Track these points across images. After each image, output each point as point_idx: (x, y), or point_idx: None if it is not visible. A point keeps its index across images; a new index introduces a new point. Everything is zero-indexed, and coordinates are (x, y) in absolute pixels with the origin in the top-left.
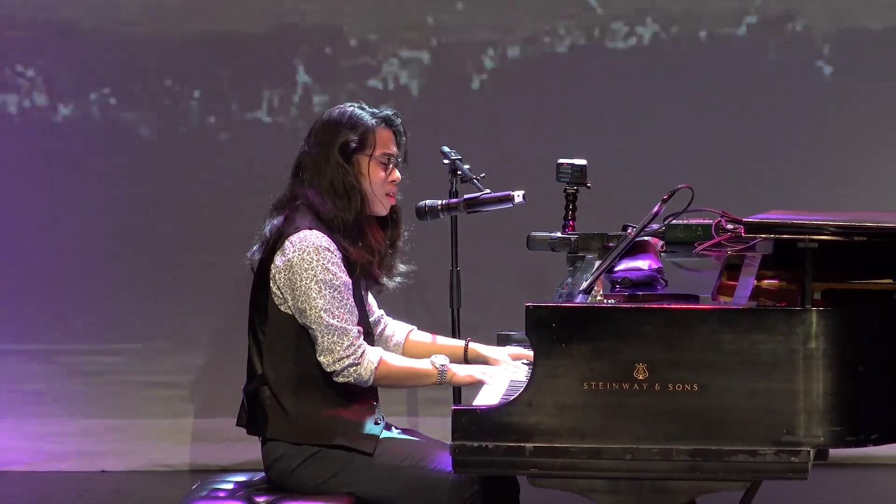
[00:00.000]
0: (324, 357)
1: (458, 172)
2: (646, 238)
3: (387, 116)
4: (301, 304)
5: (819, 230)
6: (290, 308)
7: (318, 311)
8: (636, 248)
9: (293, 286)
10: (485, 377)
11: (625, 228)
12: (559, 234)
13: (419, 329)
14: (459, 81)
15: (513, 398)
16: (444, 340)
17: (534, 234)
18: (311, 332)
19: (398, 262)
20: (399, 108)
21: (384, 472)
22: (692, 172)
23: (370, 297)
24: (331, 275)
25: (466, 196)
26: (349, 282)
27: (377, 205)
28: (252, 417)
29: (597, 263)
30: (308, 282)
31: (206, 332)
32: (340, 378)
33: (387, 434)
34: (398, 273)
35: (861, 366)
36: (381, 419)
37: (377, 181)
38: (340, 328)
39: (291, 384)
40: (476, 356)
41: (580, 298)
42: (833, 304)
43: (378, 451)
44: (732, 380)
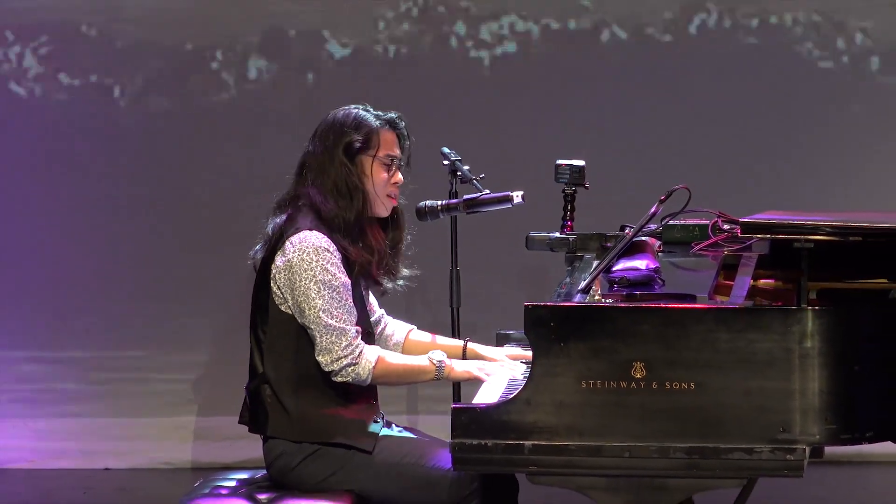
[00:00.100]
0: (322, 357)
1: (458, 173)
2: (643, 238)
3: (391, 119)
4: (300, 304)
5: (815, 230)
6: (290, 308)
7: (317, 311)
8: (634, 248)
9: (293, 286)
10: (482, 373)
11: (622, 229)
12: (558, 235)
13: (419, 328)
14: (460, 83)
15: (512, 396)
16: (444, 340)
17: (532, 235)
18: (310, 332)
19: (401, 265)
20: (399, 109)
21: (384, 470)
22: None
23: (371, 297)
24: (330, 275)
25: (466, 197)
26: (348, 282)
27: (379, 205)
28: (253, 415)
29: (595, 263)
30: (307, 282)
31: (208, 332)
32: (339, 377)
33: (386, 432)
34: (401, 276)
35: (856, 364)
36: (381, 417)
37: (380, 182)
38: (339, 328)
39: (291, 383)
40: (475, 356)
41: (578, 298)
42: (828, 304)
43: (377, 449)
44: (729, 378)
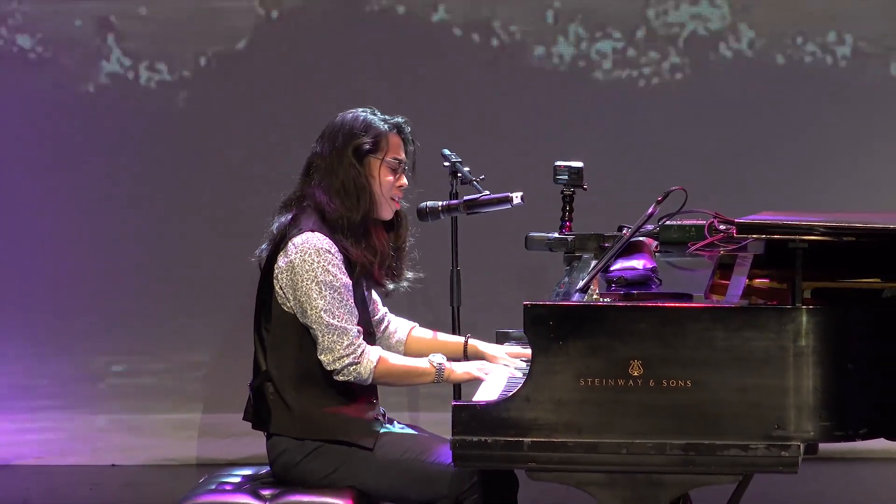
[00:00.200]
0: (324, 356)
1: (458, 174)
2: (641, 238)
3: (398, 123)
4: (302, 305)
5: (809, 231)
6: (293, 307)
7: (319, 311)
8: (631, 249)
9: (295, 287)
10: (481, 373)
11: (620, 229)
12: (556, 235)
13: (420, 326)
14: (459, 85)
15: (511, 394)
16: (445, 337)
17: (532, 235)
18: (312, 332)
19: (404, 267)
20: (400, 112)
21: (385, 466)
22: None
23: (375, 296)
24: (331, 276)
25: (466, 197)
26: (349, 283)
27: (383, 207)
28: (257, 413)
29: (593, 263)
30: (309, 283)
31: (213, 330)
32: (341, 377)
33: (387, 429)
34: (404, 278)
35: (850, 363)
36: (382, 415)
37: (386, 184)
38: (340, 328)
39: (294, 381)
40: (475, 352)
41: (577, 297)
42: (822, 303)
43: (378, 446)
44: (725, 376)
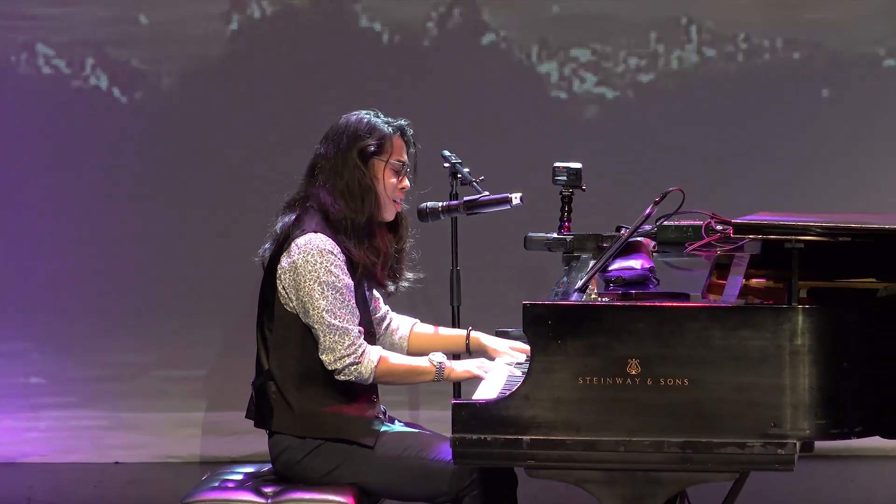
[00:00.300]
0: (326, 356)
1: (458, 175)
2: (638, 238)
3: (401, 126)
4: (305, 305)
5: (805, 231)
6: (295, 307)
7: (321, 312)
8: (629, 249)
9: (297, 287)
10: (481, 371)
11: (618, 229)
12: (555, 235)
13: (421, 322)
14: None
15: (510, 392)
16: (446, 331)
17: (531, 235)
18: (314, 332)
19: (405, 269)
20: (401, 114)
21: (385, 463)
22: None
23: (376, 294)
24: (333, 277)
25: (466, 198)
26: (351, 284)
27: (387, 209)
28: (259, 411)
29: (591, 263)
30: (311, 283)
31: (217, 329)
32: (342, 376)
33: (388, 427)
34: (404, 279)
35: (845, 361)
36: (383, 413)
37: (389, 186)
38: (342, 328)
39: (296, 380)
40: (477, 345)
41: (575, 297)
42: (818, 303)
43: (379, 444)
44: (721, 375)
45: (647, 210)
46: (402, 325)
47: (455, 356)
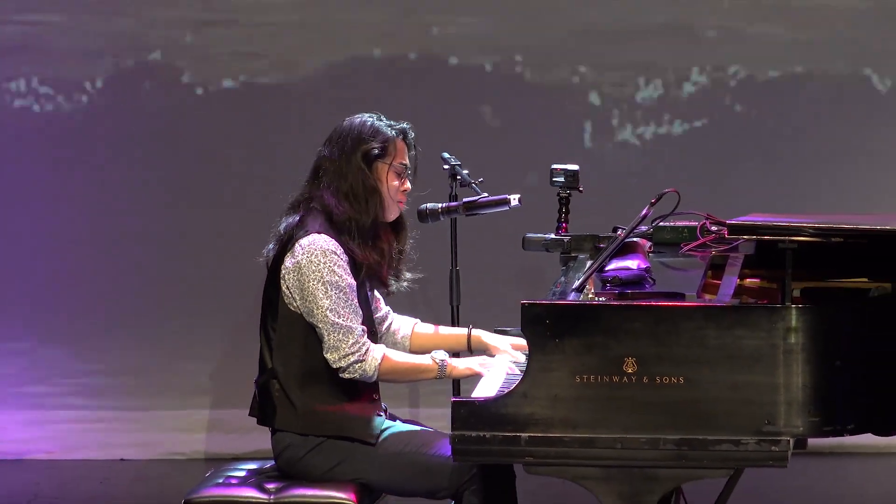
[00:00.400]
0: (330, 354)
1: (458, 177)
2: (635, 239)
3: (403, 129)
4: (309, 304)
5: (798, 232)
6: (299, 307)
7: (325, 311)
8: (626, 249)
9: (301, 287)
10: (483, 369)
11: (615, 230)
12: (553, 236)
13: (423, 322)
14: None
15: (509, 390)
16: (447, 330)
17: (529, 236)
18: (318, 331)
19: (403, 268)
20: (401, 116)
21: (387, 460)
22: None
23: (377, 295)
24: (337, 276)
25: (465, 199)
26: (354, 283)
27: (390, 210)
28: (262, 409)
29: (588, 263)
30: (315, 283)
31: (221, 328)
32: (346, 374)
33: (389, 424)
34: (405, 278)
35: (838, 360)
36: (384, 411)
37: (392, 188)
38: (346, 327)
39: (299, 379)
40: (478, 343)
41: (573, 296)
42: (811, 302)
43: (380, 441)
44: (716, 373)
45: (644, 211)
46: (404, 326)
47: (456, 354)
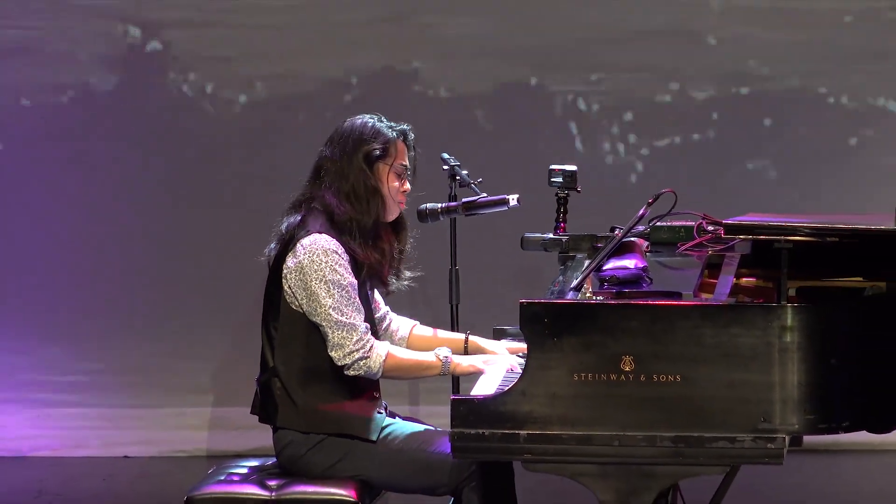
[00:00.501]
0: (335, 352)
1: (457, 177)
2: (632, 239)
3: (403, 131)
4: (311, 304)
5: (794, 231)
6: (301, 306)
7: (328, 310)
8: (623, 248)
9: (304, 287)
10: (485, 366)
11: (612, 230)
12: (551, 236)
13: (421, 324)
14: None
15: (508, 388)
16: (445, 334)
17: (527, 236)
18: (322, 330)
19: (403, 267)
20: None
21: (387, 457)
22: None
23: (377, 295)
24: (338, 275)
25: (465, 200)
26: (355, 282)
27: (391, 210)
28: (264, 407)
29: (586, 262)
30: (318, 282)
31: (223, 326)
32: (351, 371)
33: (389, 422)
34: (404, 277)
35: (833, 358)
36: (384, 409)
37: (393, 189)
38: (349, 324)
39: (300, 377)
40: (476, 348)
41: (571, 295)
42: (807, 301)
43: (380, 439)
44: (713, 371)
45: (641, 211)
46: (402, 327)
47: None
